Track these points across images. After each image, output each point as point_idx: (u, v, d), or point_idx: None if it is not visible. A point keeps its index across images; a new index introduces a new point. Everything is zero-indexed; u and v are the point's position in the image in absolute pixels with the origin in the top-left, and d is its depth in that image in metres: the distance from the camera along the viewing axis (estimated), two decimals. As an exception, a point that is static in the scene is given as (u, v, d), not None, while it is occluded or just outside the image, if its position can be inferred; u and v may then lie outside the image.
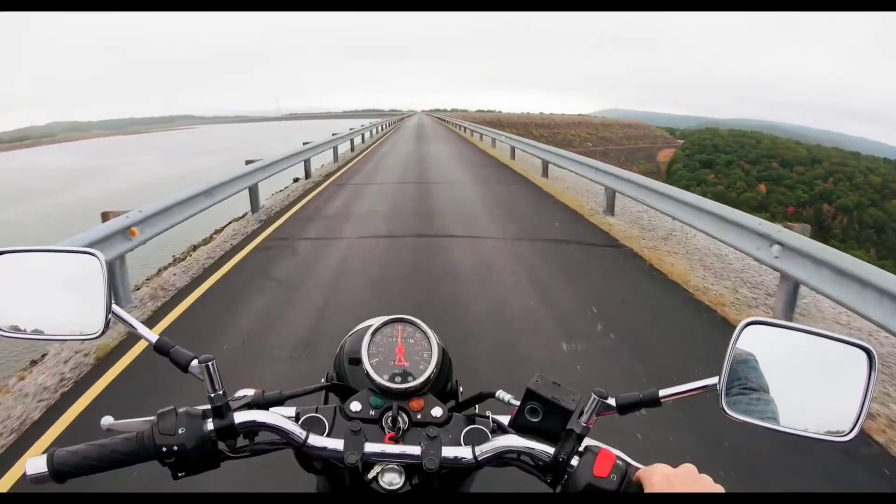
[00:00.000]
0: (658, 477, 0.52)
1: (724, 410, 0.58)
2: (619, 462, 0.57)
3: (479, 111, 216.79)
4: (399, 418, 0.65)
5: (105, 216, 4.07)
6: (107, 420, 0.65)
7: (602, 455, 0.57)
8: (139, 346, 3.34)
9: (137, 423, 0.63)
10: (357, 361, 0.72)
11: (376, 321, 0.75)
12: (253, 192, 7.64)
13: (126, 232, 4.05)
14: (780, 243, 3.73)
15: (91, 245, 3.46)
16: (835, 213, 53.85)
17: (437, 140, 23.66)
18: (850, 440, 0.57)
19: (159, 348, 0.66)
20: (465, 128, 29.84)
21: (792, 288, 3.74)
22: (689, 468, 0.52)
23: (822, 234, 52.38)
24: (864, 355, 0.58)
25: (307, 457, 0.65)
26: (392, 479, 0.60)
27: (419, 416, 0.66)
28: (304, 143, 10.94)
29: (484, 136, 21.19)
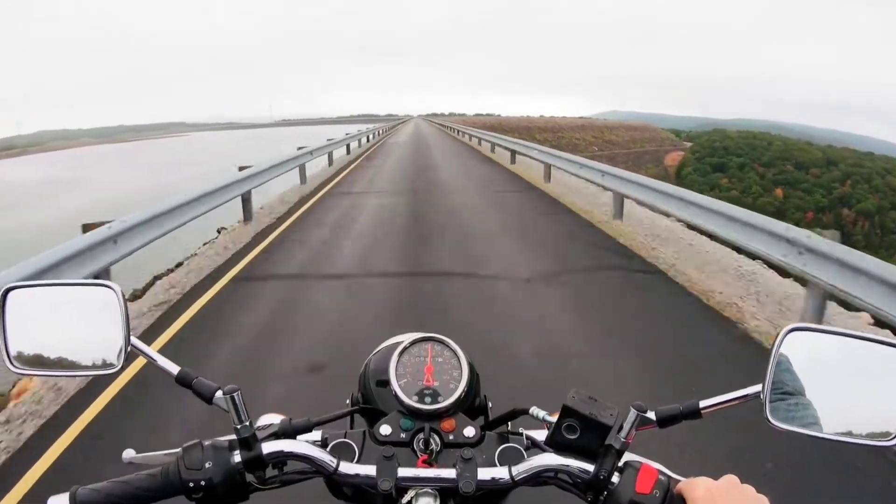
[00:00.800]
0: (701, 492, 0.53)
1: (768, 420, 0.58)
2: (661, 477, 0.56)
3: (477, 115, 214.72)
4: (431, 440, 0.65)
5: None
6: (128, 453, 0.65)
7: (644, 471, 0.57)
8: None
9: (159, 457, 0.63)
10: (385, 383, 0.71)
11: (403, 339, 0.74)
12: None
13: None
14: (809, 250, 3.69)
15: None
16: (855, 218, 52.16)
17: (443, 153, 20.96)
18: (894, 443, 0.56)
19: (181, 380, 0.65)
20: (463, 133, 29.41)
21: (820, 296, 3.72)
22: (731, 479, 0.53)
23: (843, 241, 50.38)
24: None
25: (338, 484, 0.64)
26: None
27: (451, 437, 0.66)
28: (240, 169, 7.67)
29: (483, 140, 20.94)
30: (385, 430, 0.67)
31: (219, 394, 0.64)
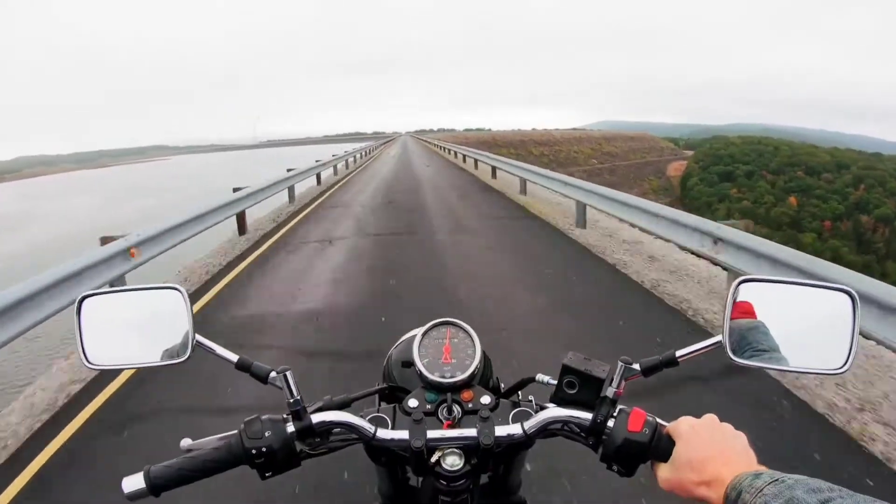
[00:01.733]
0: (684, 427, 0.63)
1: (731, 358, 0.69)
2: (649, 418, 0.67)
3: (467, 130, 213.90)
4: (454, 408, 0.75)
5: None
6: (186, 441, 0.72)
7: (634, 413, 0.67)
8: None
9: (214, 440, 0.70)
10: (409, 364, 0.82)
11: (421, 328, 0.85)
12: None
13: None
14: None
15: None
16: (874, 225, 49.99)
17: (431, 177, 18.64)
18: (845, 371, 0.68)
19: (241, 366, 0.76)
20: (454, 152, 26.75)
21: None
22: (711, 417, 0.63)
23: (862, 249, 47.97)
24: (847, 298, 0.69)
25: (376, 450, 0.75)
26: (453, 462, 0.70)
27: (470, 405, 0.76)
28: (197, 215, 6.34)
29: (480, 162, 17.77)
30: (412, 402, 0.76)
31: (273, 374, 0.74)
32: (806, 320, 0.71)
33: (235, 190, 7.94)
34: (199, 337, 0.77)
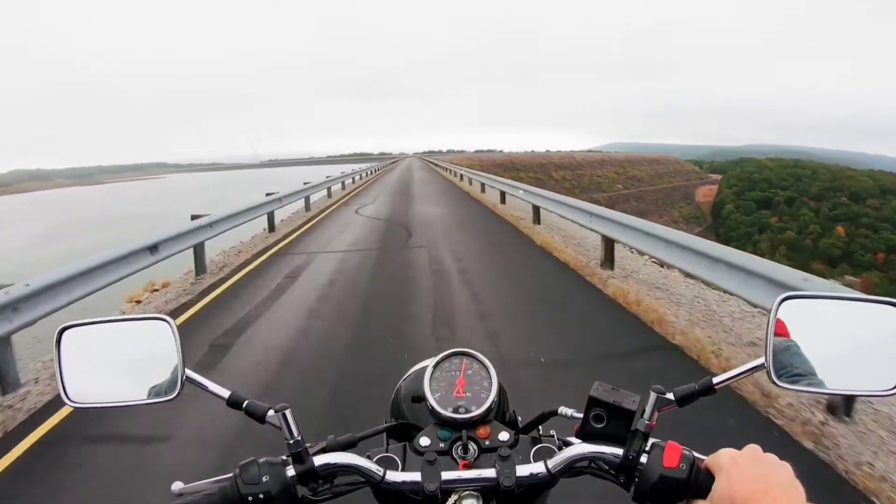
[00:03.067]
0: (725, 459, 0.59)
1: (775, 383, 0.66)
2: (685, 452, 0.63)
3: (477, 151, 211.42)
4: (469, 446, 0.72)
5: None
6: (177, 485, 0.68)
7: (669, 447, 0.64)
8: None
9: (207, 485, 0.67)
10: (419, 399, 0.78)
11: (433, 359, 0.82)
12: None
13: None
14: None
15: None
16: (935, 258, 46.59)
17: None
18: (895, 392, 0.64)
19: (233, 403, 0.72)
20: (466, 178, 23.01)
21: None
22: (754, 448, 0.59)
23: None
24: (894, 311, 0.66)
25: (385, 494, 0.70)
26: None
27: (487, 443, 0.73)
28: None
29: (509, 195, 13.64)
30: (424, 441, 0.73)
31: (271, 412, 0.70)
32: (851, 337, 0.69)
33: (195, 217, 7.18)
34: (189, 371, 0.73)
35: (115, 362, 0.77)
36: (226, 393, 0.72)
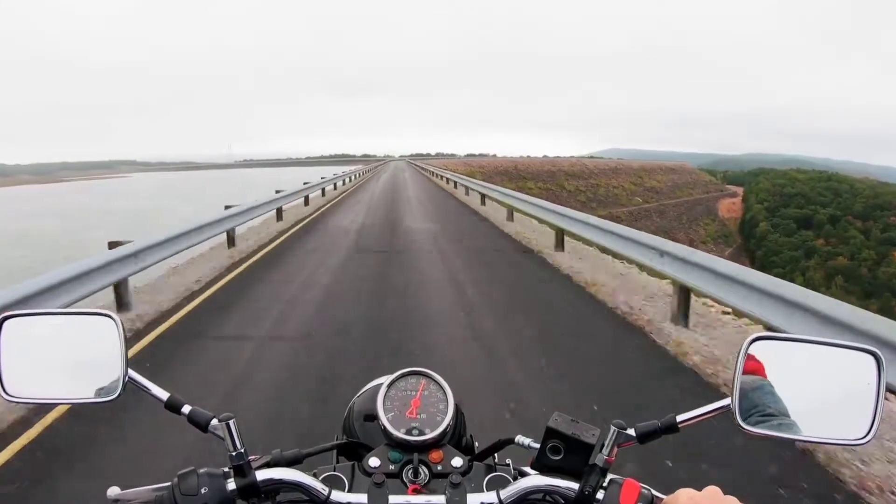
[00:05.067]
0: (684, 500, 0.59)
1: (740, 426, 0.66)
2: (644, 491, 0.64)
3: (469, 155, 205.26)
4: (420, 470, 0.72)
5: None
6: (113, 491, 0.68)
7: (627, 485, 0.64)
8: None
9: (145, 492, 0.67)
10: (372, 418, 0.79)
11: (388, 377, 0.84)
12: None
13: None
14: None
15: None
16: None
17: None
18: (867, 441, 0.65)
19: (173, 407, 0.72)
20: (466, 188, 19.84)
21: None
22: (713, 490, 0.59)
23: None
24: (871, 359, 0.67)
25: None
26: None
27: (440, 468, 0.73)
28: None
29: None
30: (374, 462, 0.74)
31: (214, 421, 0.70)
32: (824, 383, 0.69)
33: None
34: (131, 372, 0.73)
35: (58, 357, 0.76)
36: (165, 395, 0.72)
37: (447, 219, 14.16)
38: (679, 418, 0.68)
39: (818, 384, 0.68)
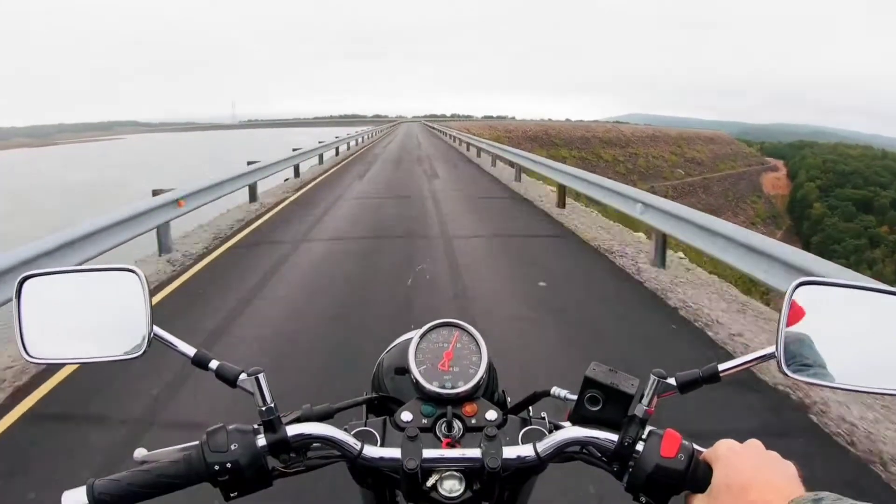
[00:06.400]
0: (724, 450, 0.59)
1: (785, 373, 0.66)
2: (685, 442, 0.63)
3: (486, 117, 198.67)
4: (454, 424, 0.71)
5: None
6: (140, 452, 0.69)
7: (667, 436, 0.64)
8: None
9: (173, 452, 0.67)
10: (403, 371, 0.79)
11: (419, 330, 0.82)
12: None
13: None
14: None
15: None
16: None
17: None
18: None
19: (201, 363, 0.72)
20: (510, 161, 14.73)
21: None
22: (754, 442, 0.59)
23: None
24: None
25: (361, 470, 0.71)
26: (452, 486, 0.65)
27: (474, 421, 0.72)
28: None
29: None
30: (406, 416, 0.72)
31: (243, 376, 0.70)
32: (871, 331, 0.67)
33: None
34: (157, 329, 0.72)
35: (79, 315, 0.76)
36: (192, 351, 0.72)
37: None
38: (721, 367, 0.67)
39: (864, 332, 0.67)
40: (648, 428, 0.66)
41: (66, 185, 30.30)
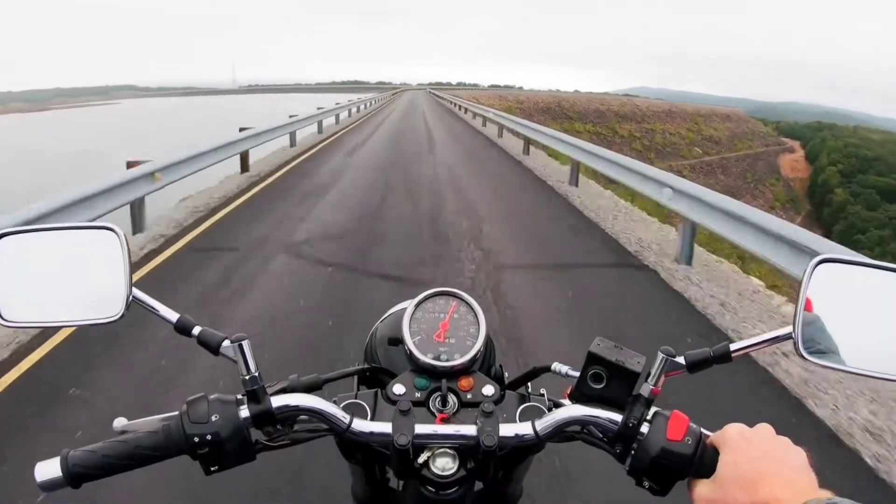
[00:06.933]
0: (733, 434, 0.58)
1: (802, 356, 0.64)
2: (692, 425, 0.62)
3: (493, 86, 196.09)
4: (449, 398, 0.70)
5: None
6: (120, 421, 0.67)
7: (675, 417, 0.62)
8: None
9: (153, 421, 0.66)
10: (397, 342, 0.77)
11: (415, 299, 0.80)
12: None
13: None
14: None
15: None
16: None
17: None
18: None
19: (183, 329, 0.71)
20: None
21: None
22: (765, 426, 0.58)
23: None
24: None
25: (350, 445, 0.71)
26: (445, 464, 0.64)
27: (469, 396, 0.71)
28: None
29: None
30: (398, 388, 0.71)
31: (226, 343, 0.68)
32: (889, 313, 0.64)
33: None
34: (136, 291, 0.70)
35: (56, 276, 0.73)
36: (174, 317, 0.70)
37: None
38: (733, 346, 0.65)
39: (883, 312, 0.64)
40: (654, 409, 0.63)
41: (45, 154, 28.27)
